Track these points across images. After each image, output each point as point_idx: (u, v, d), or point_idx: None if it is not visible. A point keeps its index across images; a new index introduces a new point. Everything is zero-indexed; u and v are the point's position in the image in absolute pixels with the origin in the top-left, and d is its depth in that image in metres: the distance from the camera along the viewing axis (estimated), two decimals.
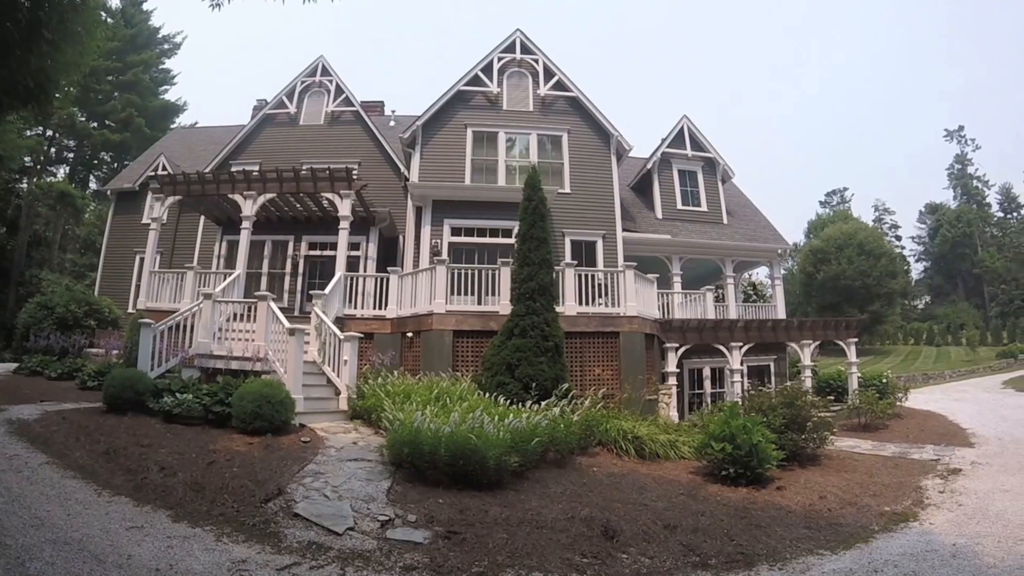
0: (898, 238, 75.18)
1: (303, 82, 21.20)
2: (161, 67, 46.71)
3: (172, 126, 40.46)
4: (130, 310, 18.03)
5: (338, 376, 10.59)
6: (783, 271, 22.58)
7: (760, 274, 32.99)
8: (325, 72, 21.32)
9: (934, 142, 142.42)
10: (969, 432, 13.51)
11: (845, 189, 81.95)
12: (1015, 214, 73.09)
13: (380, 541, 5.26)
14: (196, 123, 41.95)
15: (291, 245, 17.50)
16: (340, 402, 10.35)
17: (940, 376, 31.71)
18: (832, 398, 15.66)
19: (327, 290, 12.60)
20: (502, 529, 5.77)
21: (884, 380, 17.22)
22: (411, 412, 7.87)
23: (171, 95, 47.27)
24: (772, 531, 6.45)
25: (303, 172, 14.60)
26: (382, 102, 26.09)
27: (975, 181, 73.99)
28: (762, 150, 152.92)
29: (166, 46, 46.92)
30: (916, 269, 74.20)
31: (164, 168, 21.49)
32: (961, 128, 76.50)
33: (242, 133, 20.79)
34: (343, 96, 20.97)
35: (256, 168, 16.72)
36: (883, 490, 8.54)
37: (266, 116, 20.95)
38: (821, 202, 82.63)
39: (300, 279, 17.20)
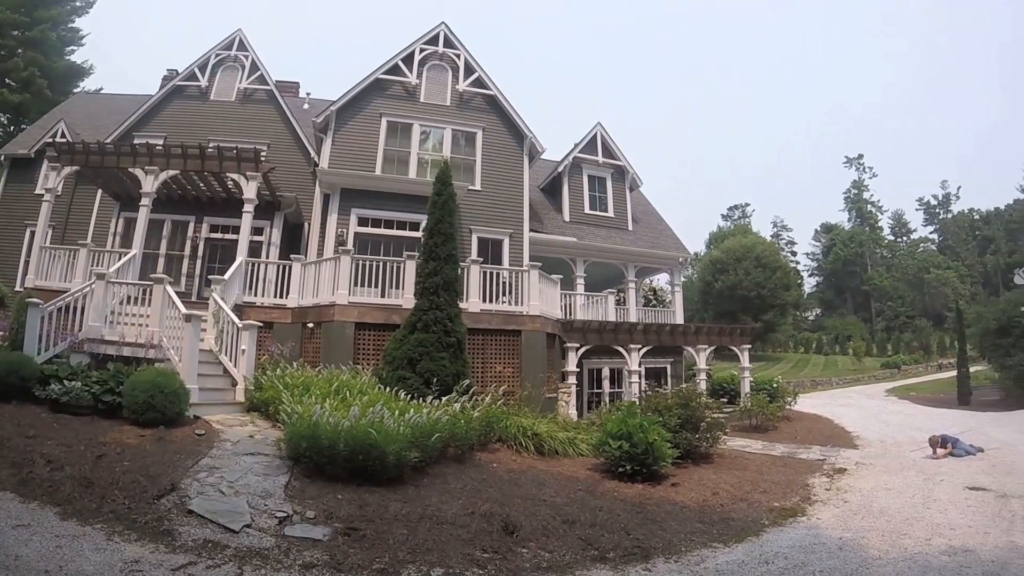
0: (794, 253, 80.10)
1: (217, 55, 20.14)
2: (70, 25, 42.81)
3: (76, 90, 37.50)
4: (18, 288, 16.57)
5: (235, 366, 10.17)
6: (683, 278, 23.51)
7: (661, 280, 33.92)
8: (242, 46, 20.33)
9: (835, 168, 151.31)
10: (854, 435, 14.57)
11: (747, 204, 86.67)
12: (904, 238, 79.66)
13: (278, 538, 5.18)
14: (101, 89, 39.08)
15: (192, 226, 16.65)
16: (237, 393, 9.95)
17: (828, 383, 33.95)
18: (725, 400, 16.49)
19: (227, 275, 12.13)
20: (403, 525, 5.80)
21: (775, 385, 18.34)
22: (310, 405, 7.73)
23: (78, 56, 43.25)
24: (667, 525, 6.78)
25: (209, 149, 13.92)
26: (297, 83, 25.28)
27: (869, 206, 79.74)
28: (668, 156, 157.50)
29: (78, 3, 43.10)
30: (809, 283, 79.58)
31: (63, 135, 19.96)
32: (860, 156, 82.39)
33: (148, 104, 19.53)
34: (258, 73, 20.07)
35: (160, 142, 15.75)
36: (773, 487, 9.12)
37: (176, 87, 19.76)
38: (723, 215, 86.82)
39: (199, 262, 16.37)
